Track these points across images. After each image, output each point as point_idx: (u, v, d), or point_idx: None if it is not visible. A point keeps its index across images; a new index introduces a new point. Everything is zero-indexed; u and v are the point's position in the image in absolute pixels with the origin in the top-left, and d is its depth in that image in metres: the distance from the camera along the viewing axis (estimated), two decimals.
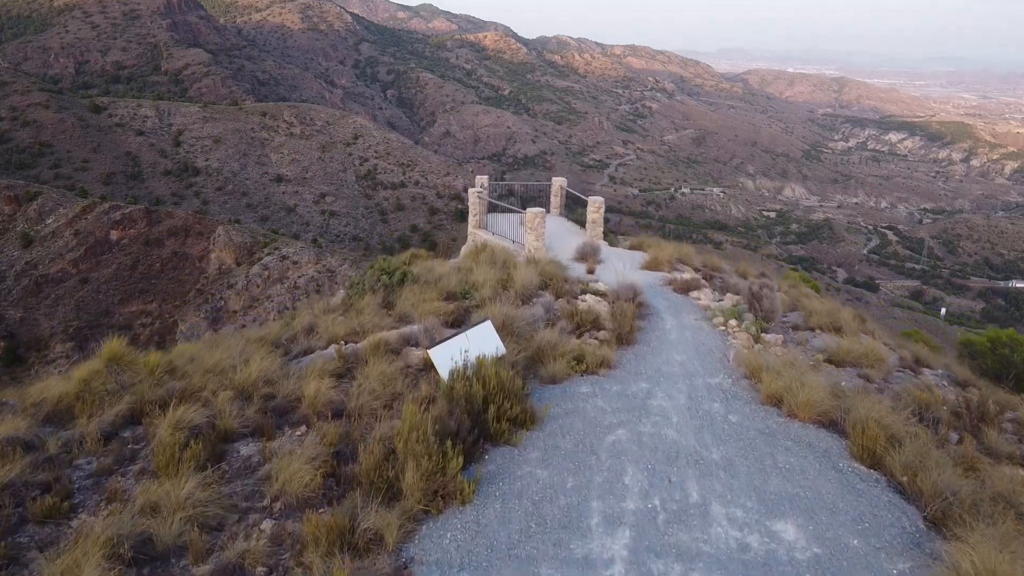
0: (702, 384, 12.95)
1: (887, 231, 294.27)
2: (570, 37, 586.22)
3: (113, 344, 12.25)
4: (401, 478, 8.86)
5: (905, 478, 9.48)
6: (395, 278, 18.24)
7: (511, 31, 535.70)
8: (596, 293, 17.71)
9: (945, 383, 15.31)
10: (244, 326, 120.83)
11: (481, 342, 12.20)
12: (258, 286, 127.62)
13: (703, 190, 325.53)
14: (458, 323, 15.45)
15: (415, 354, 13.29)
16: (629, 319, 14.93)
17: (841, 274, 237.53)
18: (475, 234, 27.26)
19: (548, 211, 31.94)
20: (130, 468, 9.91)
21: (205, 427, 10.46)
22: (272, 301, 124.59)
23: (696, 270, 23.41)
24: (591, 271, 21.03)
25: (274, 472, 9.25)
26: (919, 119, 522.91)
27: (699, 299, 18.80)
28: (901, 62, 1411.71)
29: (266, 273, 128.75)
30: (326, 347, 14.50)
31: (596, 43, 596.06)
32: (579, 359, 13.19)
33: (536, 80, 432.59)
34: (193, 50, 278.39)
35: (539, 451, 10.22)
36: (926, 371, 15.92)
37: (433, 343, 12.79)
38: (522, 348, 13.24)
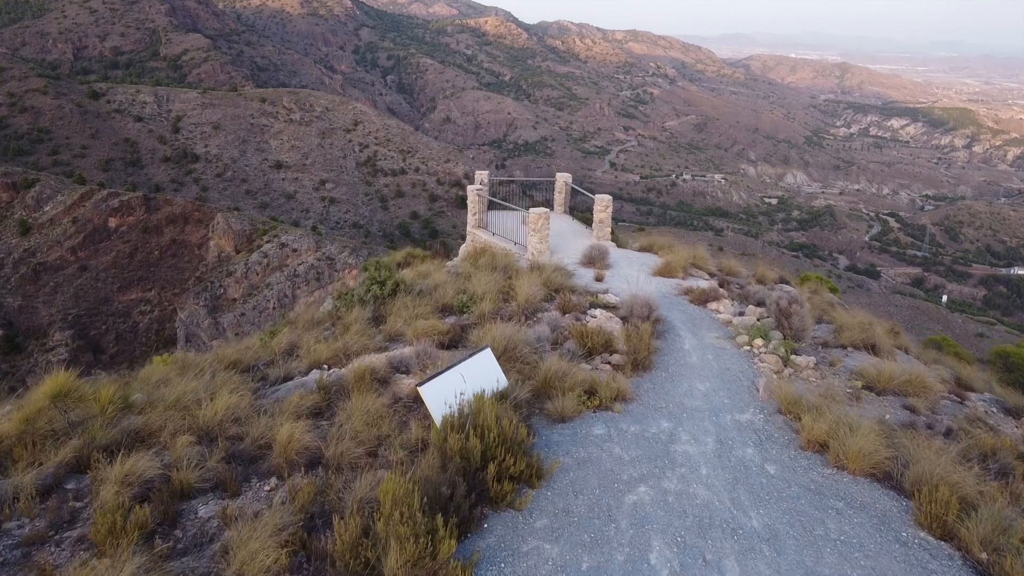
0: (731, 422, 11.38)
1: (889, 218, 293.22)
2: (571, 22, 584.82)
3: (59, 377, 10.68)
4: (383, 560, 7.33)
5: (985, 555, 7.95)
6: (387, 289, 16.70)
7: (512, 16, 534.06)
8: (607, 307, 16.18)
9: (995, 410, 13.80)
10: (243, 314, 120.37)
11: (480, 372, 10.67)
12: (257, 274, 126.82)
13: (704, 176, 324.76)
14: (454, 343, 13.93)
15: (405, 383, 11.79)
16: (645, 342, 13.33)
17: (843, 261, 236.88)
18: (474, 234, 25.65)
19: (552, 208, 30.44)
20: (68, 534, 8.39)
21: (159, 481, 8.97)
22: (272, 289, 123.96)
23: (711, 275, 21.93)
24: (600, 279, 19.47)
25: (232, 547, 7.70)
26: (922, 105, 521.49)
27: (719, 312, 17.26)
28: (904, 47, 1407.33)
29: (265, 261, 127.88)
30: (307, 372, 13.03)
31: (597, 28, 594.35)
32: (591, 392, 11.60)
33: (537, 65, 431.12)
34: (192, 35, 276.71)
35: (548, 517, 8.62)
36: (972, 396, 14.40)
37: (426, 372, 11.38)
38: (526, 377, 11.69)
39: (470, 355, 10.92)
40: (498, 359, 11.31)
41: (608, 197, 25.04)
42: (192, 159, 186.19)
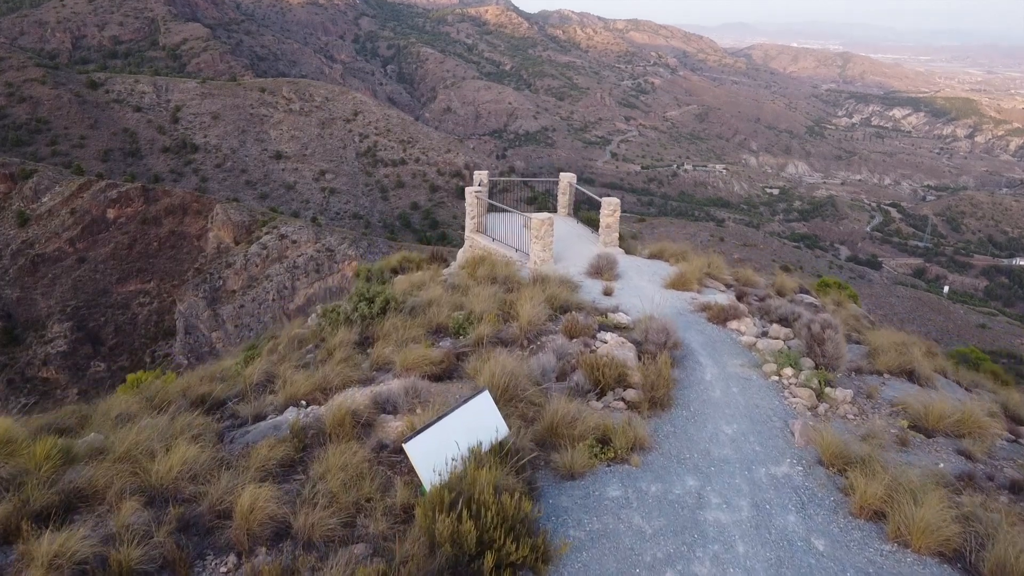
0: (766, 477, 9.82)
1: (890, 208, 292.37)
2: (572, 11, 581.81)
3: None
4: None
5: None
6: (375, 307, 15.21)
7: (512, 5, 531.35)
8: (618, 327, 14.67)
9: None
10: (242, 306, 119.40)
11: (476, 419, 9.18)
12: (257, 265, 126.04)
13: (706, 167, 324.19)
14: (448, 375, 12.47)
15: (392, 426, 10.31)
16: (664, 376, 11.75)
17: (844, 252, 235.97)
18: (473, 239, 24.08)
19: (555, 209, 29.03)
20: None
21: (94, 563, 7.52)
22: (271, 281, 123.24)
23: (728, 285, 20.40)
24: (609, 292, 17.93)
25: None
26: (924, 95, 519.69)
27: (740, 332, 15.66)
28: (907, 37, 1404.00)
29: (265, 252, 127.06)
30: (283, 408, 11.55)
31: (598, 17, 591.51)
32: (604, 440, 10.08)
33: (538, 55, 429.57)
34: (191, 24, 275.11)
35: None
36: None
37: (415, 413, 10.00)
38: (530, 421, 10.22)
39: (465, 400, 9.41)
40: (497, 400, 9.82)
41: (616, 200, 23.49)
42: (191, 149, 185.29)
